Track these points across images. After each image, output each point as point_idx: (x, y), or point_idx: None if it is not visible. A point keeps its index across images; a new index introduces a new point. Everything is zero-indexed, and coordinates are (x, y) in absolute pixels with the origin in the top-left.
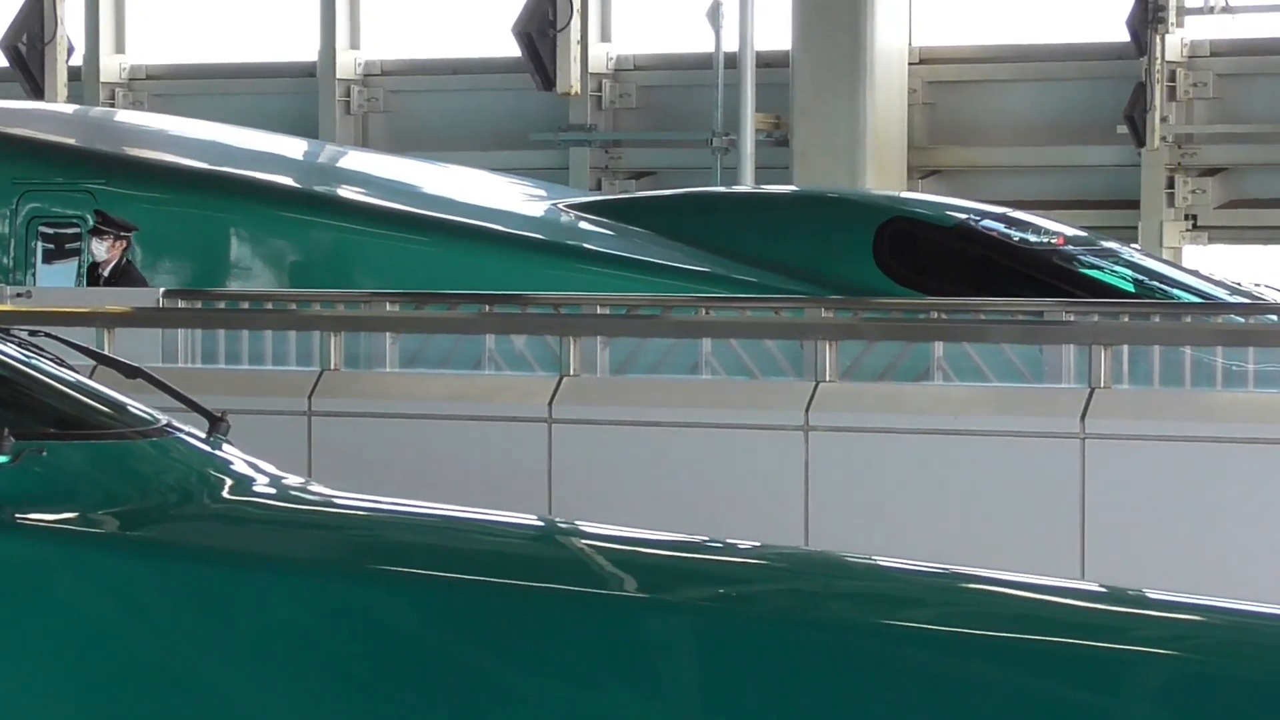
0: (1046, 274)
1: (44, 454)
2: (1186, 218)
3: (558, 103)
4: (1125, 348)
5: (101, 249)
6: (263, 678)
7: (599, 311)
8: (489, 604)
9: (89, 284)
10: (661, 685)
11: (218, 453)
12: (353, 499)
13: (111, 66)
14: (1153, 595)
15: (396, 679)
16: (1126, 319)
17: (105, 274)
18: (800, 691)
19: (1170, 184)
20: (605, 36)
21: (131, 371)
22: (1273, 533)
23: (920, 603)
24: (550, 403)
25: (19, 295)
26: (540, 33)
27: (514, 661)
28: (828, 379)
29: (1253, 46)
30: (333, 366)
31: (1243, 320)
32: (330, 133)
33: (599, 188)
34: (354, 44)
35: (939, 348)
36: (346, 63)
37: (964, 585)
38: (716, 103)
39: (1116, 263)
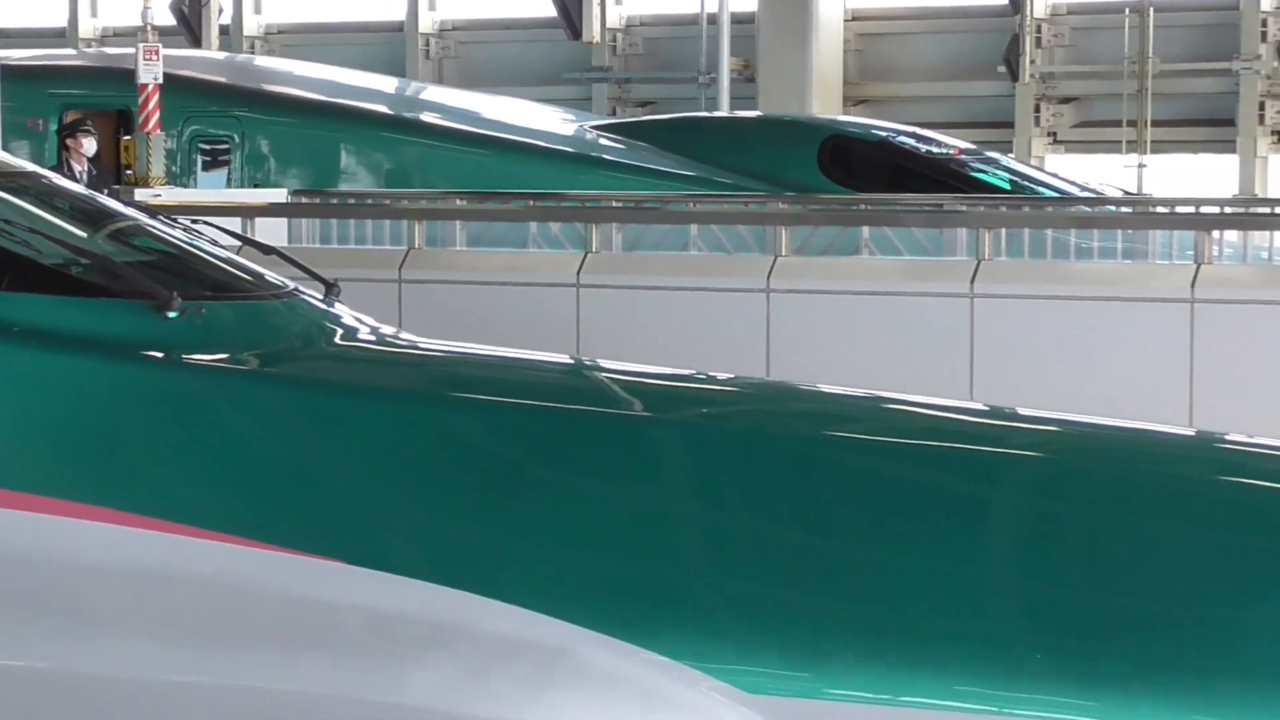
0: (945, 176)
1: (203, 311)
2: (1048, 135)
3: (583, 50)
4: (1003, 230)
5: (91, 146)
6: (366, 477)
7: (614, 205)
8: (535, 419)
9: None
10: (660, 480)
11: (331, 310)
12: (432, 344)
13: (252, 24)
14: (1024, 411)
15: (467, 475)
16: (1004, 209)
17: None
18: (763, 484)
19: (1037, 110)
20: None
21: (267, 249)
22: (1112, 364)
23: (853, 419)
24: (578, 273)
25: (154, 195)
26: None
27: (553, 461)
28: (783, 254)
29: (1099, 6)
30: (417, 246)
31: (1090, 210)
32: (414, 74)
33: (614, 114)
34: (432, 6)
35: (866, 231)
36: (427, 21)
37: (885, 406)
38: (701, 50)
39: (997, 168)
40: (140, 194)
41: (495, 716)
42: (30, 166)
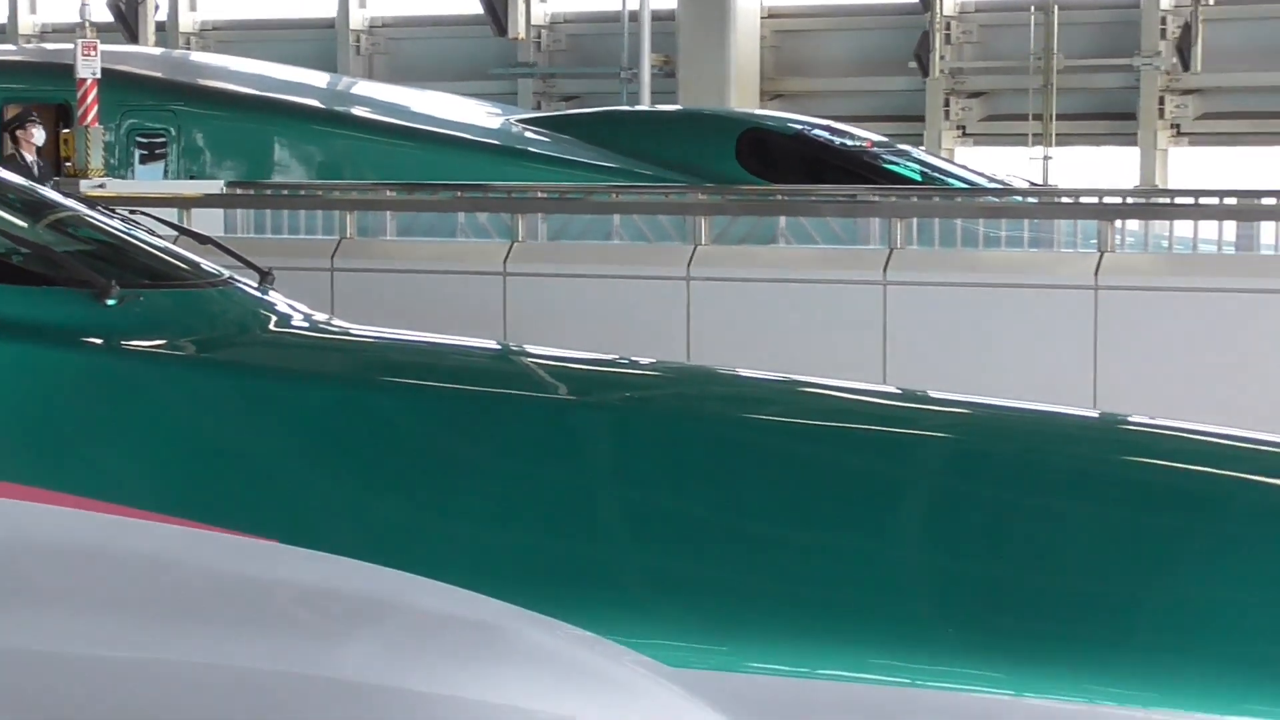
0: (858, 168)
1: (141, 299)
2: (958, 128)
3: (509, 46)
4: (914, 220)
5: (40, 136)
6: (298, 459)
7: (540, 196)
8: (463, 403)
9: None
10: (584, 461)
11: (265, 298)
12: (364, 330)
13: (187, 20)
14: (934, 394)
15: (395, 456)
16: (915, 199)
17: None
18: (683, 465)
19: (946, 104)
20: None
21: (203, 239)
22: (1019, 348)
23: (770, 402)
24: (505, 261)
25: (98, 185)
26: None
27: (480, 443)
28: (703, 243)
29: (1006, 4)
30: (348, 236)
31: (998, 200)
32: (345, 69)
33: (539, 108)
34: (363, 4)
35: (782, 220)
36: (357, 18)
37: (801, 389)
38: (623, 46)
39: (908, 160)
40: (84, 185)
41: (426, 690)
42: None
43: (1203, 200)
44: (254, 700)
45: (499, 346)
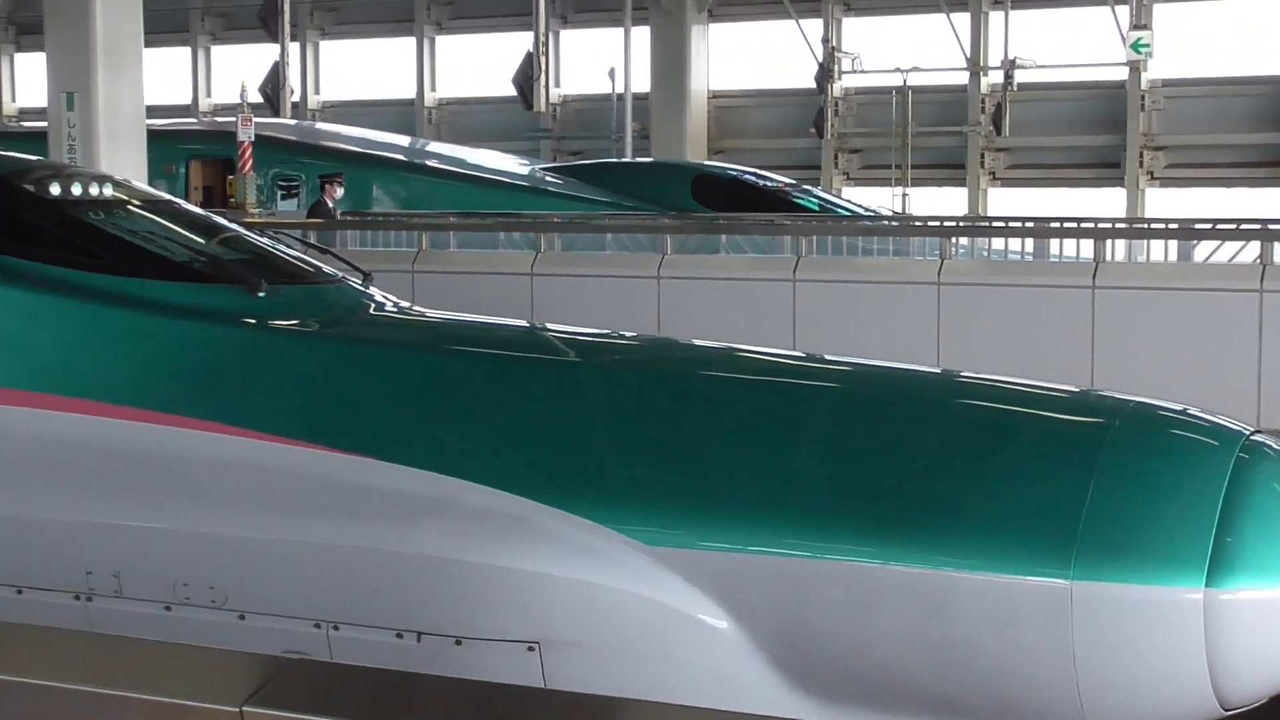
0: (776, 202)
1: (282, 293)
2: (844, 174)
3: (534, 117)
4: (815, 237)
5: (339, 193)
6: (389, 400)
7: (556, 221)
8: (503, 361)
9: (310, 211)
10: (587, 399)
11: (367, 292)
12: (435, 313)
13: (313, 100)
14: (828, 356)
15: (457, 397)
16: (815, 223)
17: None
18: (656, 403)
19: (835, 157)
20: (558, 84)
21: (324, 250)
22: (887, 327)
23: (714, 361)
24: (532, 266)
25: (269, 214)
26: (526, 81)
27: (514, 388)
28: (668, 254)
29: (877, 90)
30: (424, 248)
31: (871, 224)
32: (421, 133)
33: (554, 160)
34: (433, 88)
35: (723, 238)
36: (430, 98)
37: (736, 352)
38: (613, 117)
39: (810, 196)
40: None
41: (477, 560)
42: (168, 196)
43: (1011, 224)
44: (360, 568)
45: (528, 324)
